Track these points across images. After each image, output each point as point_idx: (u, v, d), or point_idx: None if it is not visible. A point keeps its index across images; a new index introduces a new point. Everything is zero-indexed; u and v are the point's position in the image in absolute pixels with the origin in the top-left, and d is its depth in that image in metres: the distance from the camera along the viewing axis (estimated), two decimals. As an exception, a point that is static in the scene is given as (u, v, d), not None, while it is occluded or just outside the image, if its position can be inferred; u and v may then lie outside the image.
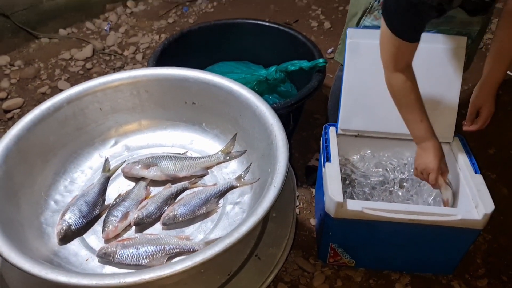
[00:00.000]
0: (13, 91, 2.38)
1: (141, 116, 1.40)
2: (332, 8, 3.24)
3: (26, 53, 2.67)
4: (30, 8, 2.67)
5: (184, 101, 1.38)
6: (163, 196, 1.20)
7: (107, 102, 1.35)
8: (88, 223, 1.15)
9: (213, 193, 1.20)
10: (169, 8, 3.18)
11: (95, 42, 2.76)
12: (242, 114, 1.28)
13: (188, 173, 1.27)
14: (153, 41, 2.82)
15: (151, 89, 1.37)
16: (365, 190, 1.53)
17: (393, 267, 1.53)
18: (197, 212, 1.16)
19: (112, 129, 1.39)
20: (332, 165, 1.39)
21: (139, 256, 1.05)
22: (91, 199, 1.19)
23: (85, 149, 1.35)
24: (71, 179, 1.28)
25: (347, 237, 1.41)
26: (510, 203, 1.78)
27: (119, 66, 2.57)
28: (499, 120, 2.20)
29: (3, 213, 1.02)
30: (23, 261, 0.88)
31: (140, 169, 1.26)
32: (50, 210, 1.19)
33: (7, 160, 1.11)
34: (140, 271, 0.85)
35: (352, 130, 1.53)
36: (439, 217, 1.29)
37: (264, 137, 1.18)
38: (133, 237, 1.10)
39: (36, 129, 1.21)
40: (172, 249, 1.06)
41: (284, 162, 1.04)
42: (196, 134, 1.40)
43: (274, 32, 2.08)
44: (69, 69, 2.55)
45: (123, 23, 2.99)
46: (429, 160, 1.32)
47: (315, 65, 1.74)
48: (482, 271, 1.55)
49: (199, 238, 1.12)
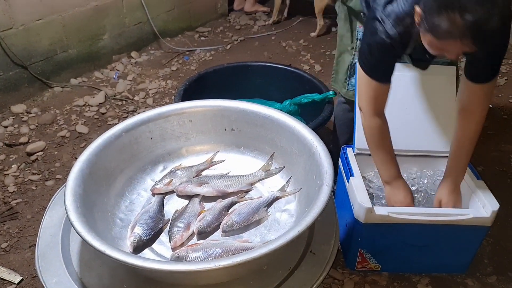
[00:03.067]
0: (33, 136, 2.51)
1: (186, 143, 1.57)
2: (319, 53, 3.57)
3: (40, 101, 2.82)
4: (46, 60, 2.86)
5: (224, 128, 1.56)
6: (218, 209, 1.35)
7: (157, 131, 1.52)
8: (155, 234, 1.29)
9: (262, 203, 1.36)
10: (171, 58, 3.42)
11: (106, 89, 2.94)
12: (280, 134, 1.47)
13: (235, 189, 1.43)
14: (160, 86, 3.03)
15: (194, 118, 1.55)
16: (383, 202, 1.72)
17: (414, 269, 1.71)
18: (251, 219, 1.31)
19: (160, 156, 1.55)
20: (356, 178, 1.59)
21: (209, 257, 1.18)
22: (154, 214, 1.33)
23: (139, 174, 1.49)
24: (130, 200, 1.42)
25: (374, 241, 1.59)
26: (504, 210, 2.01)
27: (132, 110, 2.75)
28: (482, 142, 2.48)
29: (89, 223, 1.15)
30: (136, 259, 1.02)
31: (193, 187, 1.42)
32: (118, 226, 1.32)
33: (84, 181, 1.25)
34: (231, 256, 1.00)
35: (367, 149, 1.74)
36: (454, 217, 1.49)
37: (304, 151, 1.36)
38: (200, 242, 1.25)
39: (101, 154, 1.36)
40: (236, 250, 1.20)
41: (330, 166, 1.22)
42: (236, 156, 1.57)
43: (282, 72, 2.34)
44: (84, 114, 2.71)
45: (129, 71, 3.20)
46: (402, 197, 1.55)
47: (325, 97, 1.98)
48: (491, 269, 1.74)
49: (257, 241, 1.27)
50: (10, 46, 2.63)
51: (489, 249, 1.83)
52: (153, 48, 3.55)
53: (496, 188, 1.64)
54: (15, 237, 1.92)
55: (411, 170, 1.80)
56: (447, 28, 1.11)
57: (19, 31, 2.67)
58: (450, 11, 1.09)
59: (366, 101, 1.47)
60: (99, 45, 3.18)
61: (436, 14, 1.13)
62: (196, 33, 3.88)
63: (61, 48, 2.94)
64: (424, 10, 1.17)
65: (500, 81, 3.15)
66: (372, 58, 1.40)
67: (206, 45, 3.66)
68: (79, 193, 1.21)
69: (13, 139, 2.47)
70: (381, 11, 1.32)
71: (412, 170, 1.80)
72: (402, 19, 1.29)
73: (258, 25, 4.07)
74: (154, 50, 3.53)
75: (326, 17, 3.93)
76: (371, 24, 1.36)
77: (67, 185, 1.21)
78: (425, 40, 1.23)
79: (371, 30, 1.36)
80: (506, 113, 2.78)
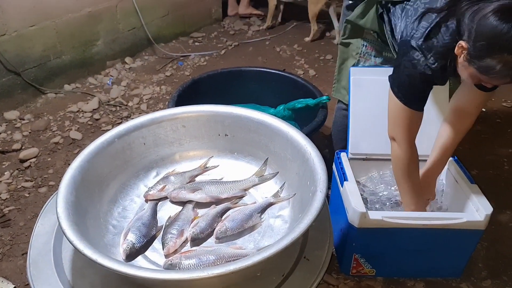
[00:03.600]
0: (26, 142, 2.49)
1: (179, 149, 1.57)
2: (314, 58, 3.58)
3: (34, 108, 2.81)
4: (39, 66, 2.85)
5: (218, 133, 1.56)
6: (211, 215, 1.34)
7: (150, 137, 1.51)
8: (148, 241, 1.28)
9: (255, 209, 1.36)
10: (165, 63, 3.42)
11: (99, 95, 2.94)
12: (273, 140, 1.46)
13: (229, 195, 1.43)
14: (154, 92, 3.03)
15: (187, 124, 1.55)
16: (377, 206, 1.72)
17: (408, 274, 1.70)
18: (244, 226, 1.31)
19: (153, 161, 1.54)
20: (349, 183, 1.59)
21: (202, 264, 1.17)
22: (147, 221, 1.32)
23: (132, 180, 1.48)
24: (123, 207, 1.41)
25: (369, 246, 1.58)
26: (498, 214, 2.02)
27: (126, 116, 2.74)
28: (476, 146, 2.49)
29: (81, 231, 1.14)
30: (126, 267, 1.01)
31: (187, 193, 1.41)
32: (111, 233, 1.31)
33: (76, 188, 1.24)
34: (224, 264, 0.99)
35: (361, 153, 1.75)
36: (448, 220, 1.49)
37: (297, 157, 1.36)
38: (193, 249, 1.24)
39: (93, 161, 1.35)
40: (230, 257, 1.19)
41: (324, 172, 1.22)
42: (229, 162, 1.57)
43: (276, 77, 2.34)
44: (78, 120, 2.70)
45: (123, 77, 3.19)
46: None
47: (319, 102, 1.98)
48: (485, 273, 1.75)
49: (250, 248, 1.26)
50: (3, 52, 2.62)
51: (483, 253, 1.83)
52: (147, 53, 3.54)
53: (490, 191, 1.65)
54: (8, 245, 1.90)
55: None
56: (500, 69, 1.11)
57: (12, 38, 2.66)
58: (505, 53, 1.09)
59: (402, 131, 1.44)
60: (93, 51, 3.17)
61: (487, 54, 1.12)
62: (190, 38, 3.89)
63: (54, 54, 2.93)
64: (473, 46, 1.15)
65: (493, 85, 3.17)
66: (412, 88, 1.37)
67: (200, 50, 3.67)
68: (71, 201, 1.20)
69: (6, 145, 2.45)
70: (421, 41, 1.30)
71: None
72: (444, 53, 1.27)
73: (252, 30, 4.08)
74: (148, 55, 3.52)
75: (320, 22, 3.95)
76: (410, 54, 1.32)
77: (59, 192, 1.20)
78: (466, 71, 1.22)
79: (411, 61, 1.32)
80: (499, 116, 2.80)
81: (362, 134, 1.73)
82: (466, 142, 2.50)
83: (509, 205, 2.10)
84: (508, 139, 2.59)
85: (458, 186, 1.64)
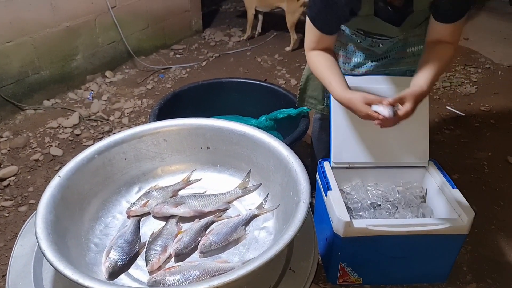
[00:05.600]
0: (5, 160, 2.44)
1: (161, 163, 1.55)
2: (295, 67, 3.60)
3: (12, 125, 2.76)
4: (17, 82, 2.80)
5: (200, 146, 1.55)
6: (195, 229, 1.33)
7: (131, 152, 1.49)
8: (131, 259, 1.26)
9: (239, 221, 1.35)
10: (146, 76, 3.40)
11: (80, 110, 2.90)
12: (256, 151, 1.46)
13: (212, 208, 1.42)
14: (136, 105, 3.00)
15: (169, 138, 1.54)
16: (361, 214, 1.73)
17: (394, 281, 1.71)
18: (229, 239, 1.30)
19: (135, 177, 1.52)
20: (333, 192, 1.59)
21: (187, 280, 1.16)
22: (130, 238, 1.30)
23: (113, 197, 1.46)
24: (105, 224, 1.39)
25: (354, 255, 1.58)
26: (480, 217, 2.04)
27: (108, 130, 2.71)
28: (456, 150, 2.53)
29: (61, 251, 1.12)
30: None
31: (170, 208, 1.39)
32: (93, 252, 1.28)
33: (56, 207, 1.22)
34: (208, 280, 0.98)
35: (344, 162, 1.75)
36: (431, 226, 1.50)
37: (280, 168, 1.36)
38: (177, 265, 1.22)
39: (73, 178, 1.33)
40: (215, 271, 1.18)
41: (307, 182, 1.22)
42: (212, 175, 1.56)
43: (257, 87, 2.34)
44: (58, 136, 2.65)
45: (104, 91, 3.16)
46: (357, 110, 1.43)
47: (301, 111, 1.99)
48: (470, 277, 1.76)
49: (235, 261, 1.25)
50: (-20, 69, 2.58)
51: (467, 257, 1.85)
52: (128, 67, 3.52)
53: (471, 195, 1.67)
54: (-13, 267, 1.85)
55: (387, 181, 1.82)
56: None
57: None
58: None
59: (307, 42, 1.56)
60: (72, 65, 3.14)
61: None
62: (171, 50, 3.88)
63: (32, 70, 2.89)
64: None
65: (471, 89, 3.23)
66: (315, 7, 1.46)
67: (181, 62, 3.66)
68: (51, 220, 1.17)
69: (-16, 164, 2.40)
70: None
71: (385, 183, 1.81)
72: None
73: (233, 41, 4.10)
74: (128, 69, 3.50)
75: (299, 32, 3.98)
76: None
77: (38, 212, 1.17)
78: None
79: None
80: (478, 120, 2.85)
81: (344, 143, 1.74)
82: (446, 147, 2.54)
83: (491, 208, 2.13)
84: (487, 142, 2.63)
85: (440, 192, 1.65)
